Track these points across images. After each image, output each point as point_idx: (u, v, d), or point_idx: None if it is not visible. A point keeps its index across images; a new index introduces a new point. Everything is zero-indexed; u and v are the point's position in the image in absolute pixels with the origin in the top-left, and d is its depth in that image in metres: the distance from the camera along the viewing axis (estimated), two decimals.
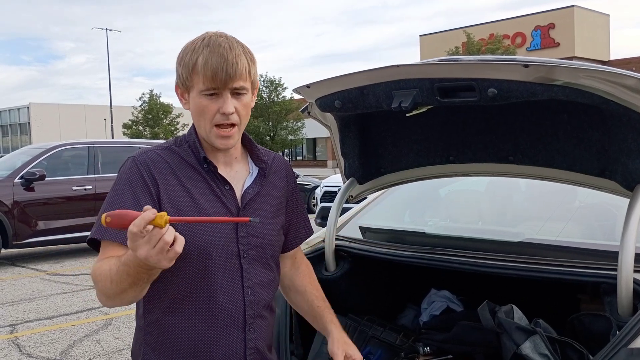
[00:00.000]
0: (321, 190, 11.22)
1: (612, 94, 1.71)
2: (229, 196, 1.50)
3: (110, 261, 1.36)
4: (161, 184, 1.44)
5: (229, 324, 1.47)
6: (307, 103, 2.27)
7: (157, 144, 1.57)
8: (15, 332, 5.33)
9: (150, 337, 1.50)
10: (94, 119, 64.26)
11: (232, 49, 1.42)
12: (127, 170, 1.47)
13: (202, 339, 1.46)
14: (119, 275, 1.30)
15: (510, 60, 1.73)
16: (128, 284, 1.30)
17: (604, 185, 2.07)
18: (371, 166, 2.51)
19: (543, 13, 40.58)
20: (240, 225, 1.48)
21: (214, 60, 1.40)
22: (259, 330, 1.53)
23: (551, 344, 1.90)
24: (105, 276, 1.33)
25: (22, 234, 8.44)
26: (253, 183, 1.55)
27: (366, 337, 2.46)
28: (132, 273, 1.28)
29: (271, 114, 40.57)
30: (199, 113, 1.46)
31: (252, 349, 1.51)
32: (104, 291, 1.36)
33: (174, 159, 1.49)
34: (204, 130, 1.47)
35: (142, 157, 1.48)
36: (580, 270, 2.00)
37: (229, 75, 1.40)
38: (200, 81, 1.42)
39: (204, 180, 1.49)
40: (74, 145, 9.55)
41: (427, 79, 1.85)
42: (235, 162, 1.56)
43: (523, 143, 2.19)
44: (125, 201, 1.41)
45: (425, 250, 2.37)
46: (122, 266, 1.29)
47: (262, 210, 1.55)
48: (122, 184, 1.44)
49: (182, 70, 1.45)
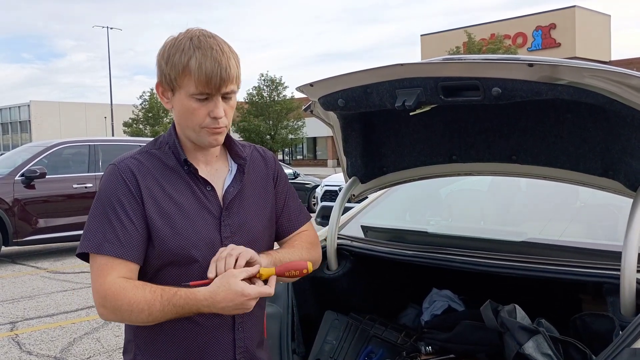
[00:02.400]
0: (321, 190, 11.22)
1: (616, 93, 1.70)
2: (211, 198, 1.49)
3: (143, 291, 1.36)
4: (144, 190, 1.43)
5: (218, 325, 1.47)
6: (310, 101, 2.27)
7: (135, 150, 1.54)
8: (15, 329, 5.33)
9: (140, 337, 1.50)
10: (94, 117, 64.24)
11: (223, 52, 1.40)
12: (111, 180, 1.45)
13: (192, 340, 1.45)
14: (164, 313, 1.35)
15: (514, 60, 1.73)
16: (166, 319, 1.37)
17: (607, 185, 2.07)
18: (374, 165, 2.50)
19: (544, 13, 40.56)
20: (223, 226, 1.48)
21: (208, 65, 1.37)
22: (249, 329, 1.53)
23: (554, 344, 1.90)
24: (140, 309, 1.35)
25: (23, 231, 8.44)
26: (233, 181, 1.54)
27: (368, 336, 2.47)
28: (182, 313, 1.36)
29: (271, 113, 40.53)
30: (186, 115, 1.44)
31: (242, 348, 1.51)
32: (125, 318, 1.38)
33: (154, 164, 1.48)
34: (192, 130, 1.45)
35: (123, 164, 1.46)
36: (583, 270, 2.00)
37: (222, 80, 1.39)
38: (192, 84, 1.39)
39: (186, 182, 1.48)
40: (74, 143, 9.55)
41: (431, 78, 1.85)
42: (215, 160, 1.55)
43: (526, 142, 2.18)
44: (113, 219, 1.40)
45: (428, 249, 2.37)
46: (172, 307, 1.35)
47: (244, 207, 1.53)
48: (106, 198, 1.42)
49: (170, 70, 1.41)
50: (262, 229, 1.58)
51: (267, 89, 41.27)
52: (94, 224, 1.41)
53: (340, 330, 2.47)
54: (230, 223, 1.50)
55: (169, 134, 1.54)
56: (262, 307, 1.62)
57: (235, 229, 1.50)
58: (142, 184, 1.44)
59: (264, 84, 41.19)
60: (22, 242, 8.52)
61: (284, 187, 1.67)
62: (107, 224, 1.40)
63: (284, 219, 1.66)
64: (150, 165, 1.48)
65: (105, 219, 1.40)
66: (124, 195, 1.42)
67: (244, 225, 1.52)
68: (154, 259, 1.44)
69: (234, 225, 1.50)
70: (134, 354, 1.51)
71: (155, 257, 1.44)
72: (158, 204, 1.43)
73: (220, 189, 1.52)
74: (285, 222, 1.66)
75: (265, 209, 1.60)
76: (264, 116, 40.63)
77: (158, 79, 1.47)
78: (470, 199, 3.37)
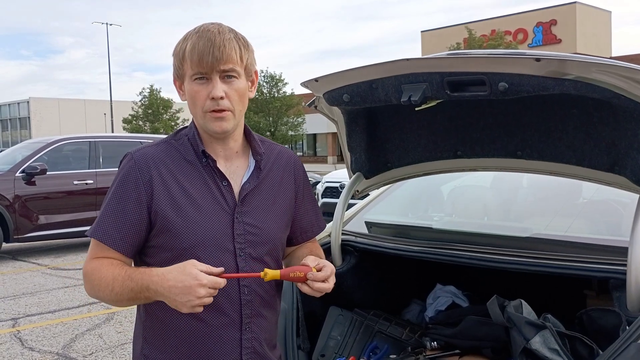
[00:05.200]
0: (322, 186, 11.20)
1: (623, 88, 1.70)
2: (225, 192, 1.47)
3: (113, 268, 1.39)
4: (156, 181, 1.43)
5: (225, 323, 1.45)
6: (314, 97, 2.26)
7: (157, 140, 1.56)
8: (17, 326, 5.33)
9: (149, 332, 1.50)
10: (93, 114, 64.17)
11: (220, 33, 1.41)
12: (123, 169, 1.47)
13: (198, 337, 1.44)
14: (123, 288, 1.36)
15: (521, 54, 1.72)
16: (127, 299, 1.38)
17: (613, 180, 2.06)
18: (378, 161, 2.50)
19: (545, 9, 40.50)
20: (237, 223, 1.46)
21: (201, 44, 1.39)
22: (257, 330, 1.50)
23: (561, 339, 1.90)
24: (107, 283, 1.39)
25: (23, 228, 8.43)
26: (250, 177, 1.52)
27: (372, 331, 2.46)
28: (136, 290, 1.35)
29: (271, 110, 40.48)
30: (191, 100, 1.45)
31: (249, 349, 1.48)
32: (98, 294, 1.42)
33: (172, 154, 1.48)
34: (200, 118, 1.45)
35: (139, 154, 1.47)
36: (589, 265, 1.99)
37: (215, 57, 1.38)
38: (189, 67, 1.41)
39: (201, 175, 1.47)
40: (75, 140, 9.52)
41: (437, 73, 1.84)
42: (235, 157, 1.53)
43: (531, 138, 2.18)
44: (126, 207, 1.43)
45: (433, 245, 2.36)
46: (130, 281, 1.35)
47: (260, 206, 1.51)
48: (115, 187, 1.46)
49: (175, 59, 1.46)
50: (278, 230, 1.55)
51: (267, 85, 41.22)
52: (102, 210, 1.46)
53: (345, 326, 2.46)
54: (244, 220, 1.47)
55: (190, 127, 1.53)
56: (276, 311, 1.59)
57: (249, 228, 1.48)
58: (154, 175, 1.44)
59: (264, 80, 41.12)
60: (22, 239, 8.51)
61: (305, 194, 1.66)
62: (107, 211, 1.44)
63: (299, 227, 1.65)
64: (167, 156, 1.47)
65: (108, 207, 1.44)
66: (132, 186, 1.43)
67: (258, 225, 1.49)
68: (164, 251, 1.43)
69: (248, 223, 1.48)
70: (141, 346, 1.52)
71: (165, 249, 1.43)
72: (171, 196, 1.43)
73: (237, 185, 1.50)
74: (298, 234, 1.66)
75: (283, 211, 1.57)
76: (264, 113, 40.59)
77: (173, 74, 1.50)
78: (473, 195, 3.36)
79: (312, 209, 1.70)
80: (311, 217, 1.69)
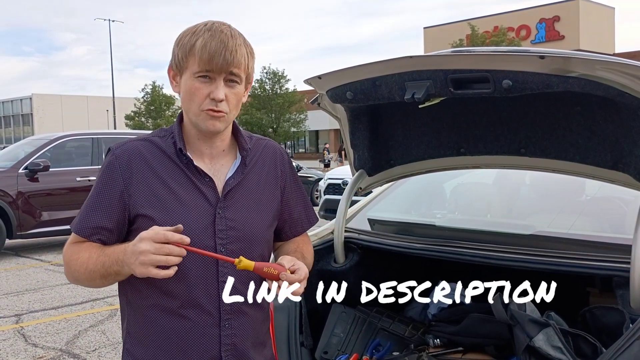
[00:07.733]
0: (325, 183, 11.20)
1: (628, 86, 1.69)
2: (208, 187, 1.47)
3: (91, 248, 1.43)
4: (136, 177, 1.44)
5: (204, 319, 1.44)
6: (317, 94, 2.26)
7: (140, 135, 1.57)
8: (20, 322, 5.35)
9: (132, 326, 1.50)
10: (96, 110, 64.28)
11: (233, 37, 1.42)
12: (104, 164, 1.49)
13: (178, 332, 1.44)
14: (96, 264, 1.39)
15: (525, 52, 1.72)
16: (100, 276, 1.40)
17: (616, 178, 2.06)
18: (381, 158, 2.49)
19: (548, 5, 40.41)
20: (218, 218, 1.45)
21: (213, 44, 1.39)
22: (238, 327, 1.48)
23: (564, 337, 1.90)
24: (82, 262, 1.42)
25: (26, 224, 8.45)
26: (235, 173, 1.51)
27: (375, 328, 2.47)
28: (107, 264, 1.37)
29: (274, 106, 40.49)
30: (189, 96, 1.44)
31: (228, 346, 1.47)
32: (74, 275, 1.45)
33: (153, 151, 1.48)
34: (193, 114, 1.45)
35: (120, 150, 1.48)
36: (593, 263, 1.99)
37: (226, 60, 1.39)
38: (195, 63, 1.40)
39: (182, 172, 1.47)
40: (77, 136, 9.55)
41: (440, 70, 1.84)
42: (222, 155, 1.53)
43: (535, 135, 2.17)
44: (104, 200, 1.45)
45: (436, 242, 2.36)
46: (103, 256, 1.38)
47: (244, 200, 1.50)
48: (96, 181, 1.49)
49: (179, 51, 1.44)
50: (262, 226, 1.53)
51: (269, 82, 41.22)
52: (84, 203, 1.49)
53: (348, 323, 2.47)
54: (226, 216, 1.47)
55: (175, 124, 1.53)
56: (262, 309, 1.56)
57: (231, 223, 1.47)
58: (134, 169, 1.45)
59: (266, 77, 41.13)
60: (25, 235, 8.54)
61: (292, 187, 1.64)
62: (86, 205, 1.47)
63: (287, 221, 1.64)
64: (148, 152, 1.48)
65: (88, 201, 1.47)
66: (111, 180, 1.45)
67: (240, 219, 1.48)
68: None
69: (230, 218, 1.47)
70: (124, 339, 1.54)
71: None
72: (151, 189, 1.44)
73: (221, 181, 1.50)
74: (287, 229, 1.65)
75: (268, 205, 1.56)
76: (267, 109, 40.61)
77: (170, 62, 1.49)
78: (476, 192, 3.36)
79: (301, 202, 1.67)
80: (300, 211, 1.66)
